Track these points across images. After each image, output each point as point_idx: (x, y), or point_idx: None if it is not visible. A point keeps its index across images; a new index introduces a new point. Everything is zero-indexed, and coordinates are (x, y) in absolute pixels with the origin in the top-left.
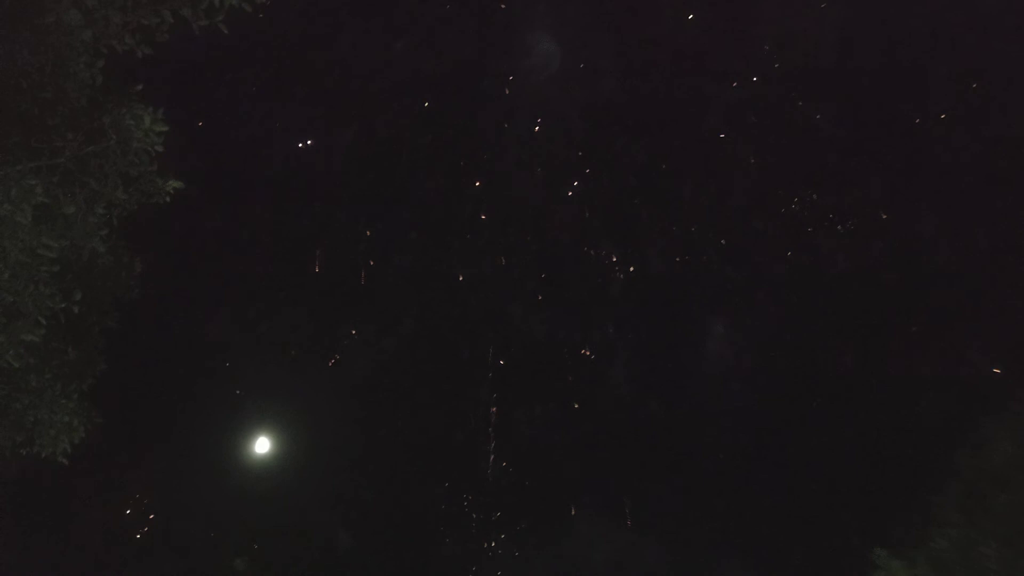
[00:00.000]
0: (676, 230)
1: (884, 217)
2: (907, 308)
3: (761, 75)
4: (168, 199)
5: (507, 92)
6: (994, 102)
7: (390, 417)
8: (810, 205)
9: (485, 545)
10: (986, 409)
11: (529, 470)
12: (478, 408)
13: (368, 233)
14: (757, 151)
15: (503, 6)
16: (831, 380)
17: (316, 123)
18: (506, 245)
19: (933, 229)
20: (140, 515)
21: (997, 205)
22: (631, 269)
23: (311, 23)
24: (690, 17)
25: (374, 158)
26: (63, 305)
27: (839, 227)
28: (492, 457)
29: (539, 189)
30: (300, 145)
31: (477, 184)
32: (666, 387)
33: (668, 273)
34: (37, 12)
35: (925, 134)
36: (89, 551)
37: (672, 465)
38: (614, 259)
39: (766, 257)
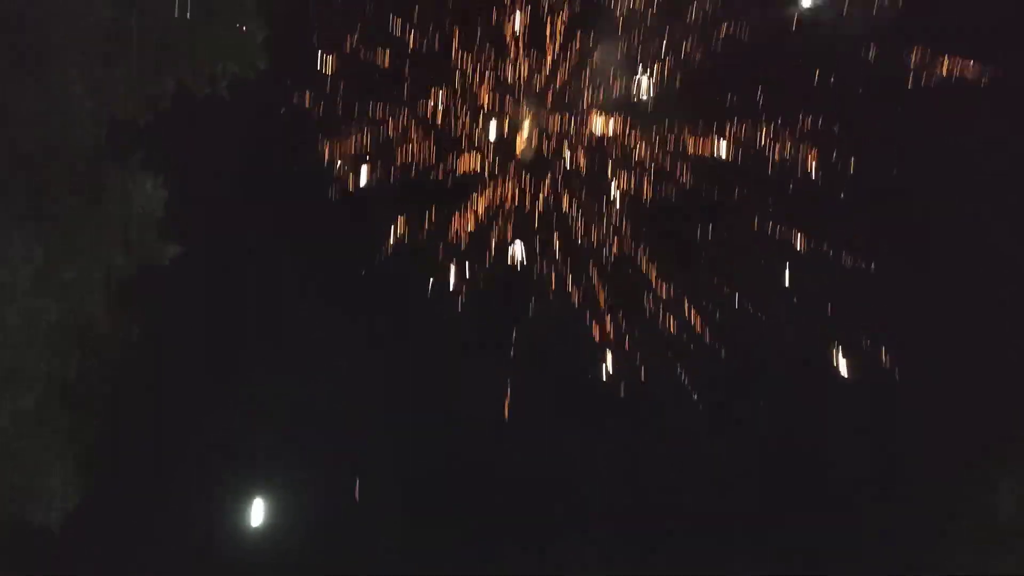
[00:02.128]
0: None
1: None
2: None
3: None
4: (167, 263)
5: None
6: None
7: (406, 424)
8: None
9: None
10: None
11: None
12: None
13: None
14: None
15: None
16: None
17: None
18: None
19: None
20: None
21: None
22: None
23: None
24: None
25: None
26: (59, 371)
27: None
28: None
29: None
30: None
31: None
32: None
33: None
34: (38, 60)
35: None
36: None
37: (681, 463)
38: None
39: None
